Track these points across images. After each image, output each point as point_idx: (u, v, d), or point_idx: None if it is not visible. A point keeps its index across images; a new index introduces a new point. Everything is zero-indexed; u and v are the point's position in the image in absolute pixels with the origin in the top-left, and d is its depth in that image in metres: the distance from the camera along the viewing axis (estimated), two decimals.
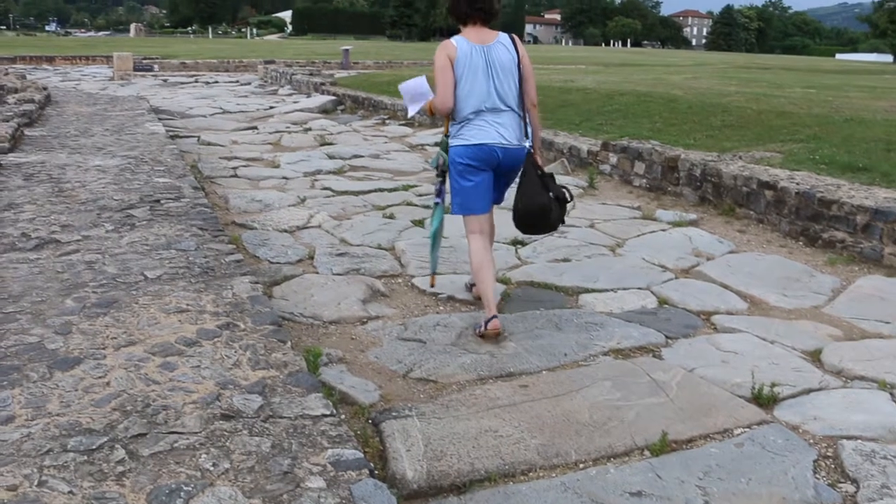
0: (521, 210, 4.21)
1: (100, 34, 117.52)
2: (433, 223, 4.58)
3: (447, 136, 4.28)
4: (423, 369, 3.61)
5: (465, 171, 4.19)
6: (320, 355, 3.56)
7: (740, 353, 3.87)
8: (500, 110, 4.15)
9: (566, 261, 5.44)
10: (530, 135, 4.27)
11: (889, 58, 67.15)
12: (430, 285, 4.76)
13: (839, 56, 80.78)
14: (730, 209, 6.78)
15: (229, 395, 2.76)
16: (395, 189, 7.82)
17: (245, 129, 12.89)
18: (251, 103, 17.35)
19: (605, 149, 8.66)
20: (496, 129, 4.13)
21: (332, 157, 9.78)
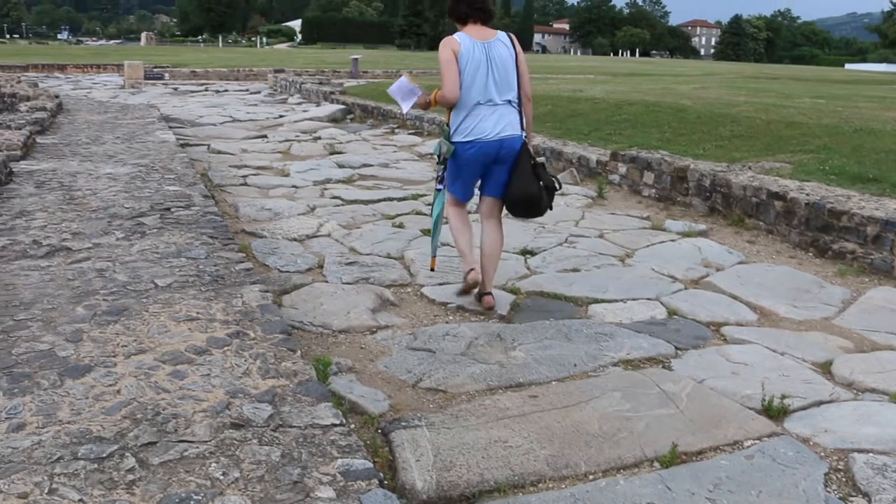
0: (514, 197, 4.62)
1: (111, 43, 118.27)
2: (435, 208, 4.86)
3: (448, 126, 4.61)
4: (433, 379, 3.61)
5: (462, 167, 4.66)
6: (330, 364, 3.56)
7: (750, 365, 3.86)
8: (497, 104, 4.50)
9: (576, 271, 5.44)
10: (524, 126, 4.63)
11: None
12: (431, 269, 5.03)
13: (848, 66, 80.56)
14: (739, 220, 6.76)
15: (239, 403, 2.76)
16: (404, 198, 7.83)
17: (255, 137, 12.93)
18: (261, 112, 17.41)
19: (614, 159, 8.66)
20: (492, 122, 4.48)
21: (341, 166, 9.81)
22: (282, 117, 16.20)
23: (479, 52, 4.45)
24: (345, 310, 4.49)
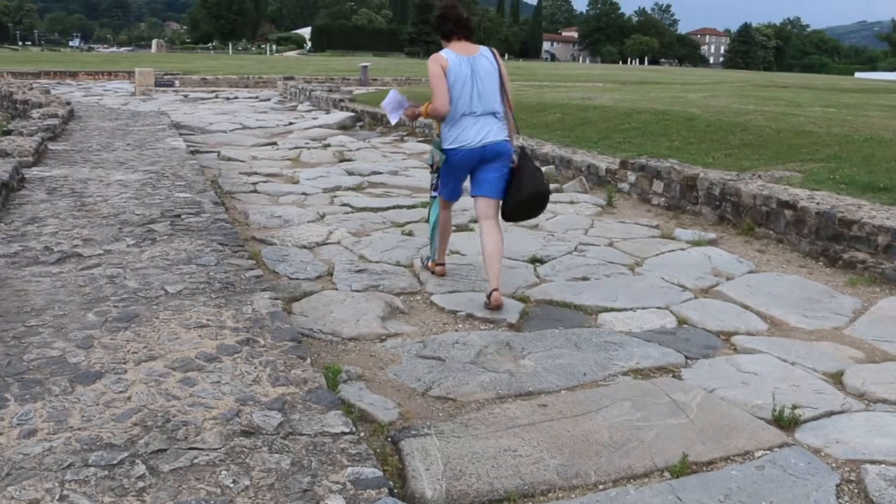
0: (526, 195, 4.93)
1: (122, 50, 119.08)
2: (431, 215, 5.31)
3: (439, 137, 4.98)
4: (443, 387, 3.60)
5: (451, 171, 5.03)
6: (340, 372, 3.56)
7: (761, 375, 3.84)
8: (482, 114, 4.86)
9: (585, 279, 5.43)
10: (509, 136, 5.00)
11: None
12: (431, 272, 5.40)
13: (858, 74, 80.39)
14: (749, 228, 6.75)
15: (249, 411, 2.77)
16: (413, 206, 7.83)
17: (265, 144, 12.96)
18: (271, 119, 17.46)
19: (623, 167, 8.65)
20: (476, 130, 4.85)
21: (350, 174, 9.82)
22: (291, 124, 16.25)
23: (465, 67, 4.81)
24: (354, 317, 4.49)
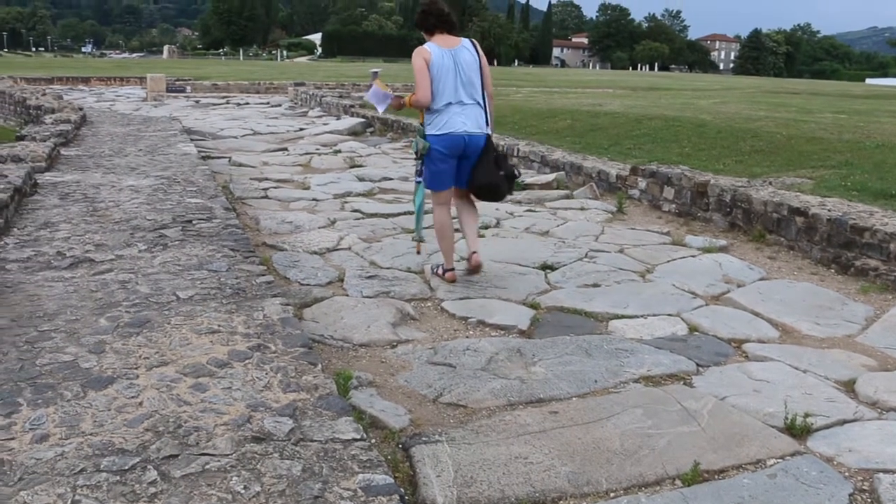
0: (478, 184, 5.37)
1: (134, 56, 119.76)
2: (417, 200, 5.62)
3: (423, 125, 5.31)
4: (453, 394, 3.60)
5: (438, 157, 5.28)
6: (350, 378, 3.56)
7: (772, 382, 3.82)
8: (465, 103, 5.23)
9: (596, 286, 5.42)
10: (489, 121, 5.38)
11: None
12: (417, 252, 5.87)
13: (869, 81, 79.94)
14: (760, 235, 6.72)
15: (260, 417, 2.77)
16: (424, 212, 7.81)
17: (275, 150, 13.00)
18: (281, 125, 17.50)
19: (633, 173, 8.64)
20: (462, 119, 5.21)
21: (361, 180, 9.84)
22: (302, 130, 16.29)
23: (448, 59, 5.17)
24: (365, 323, 4.49)
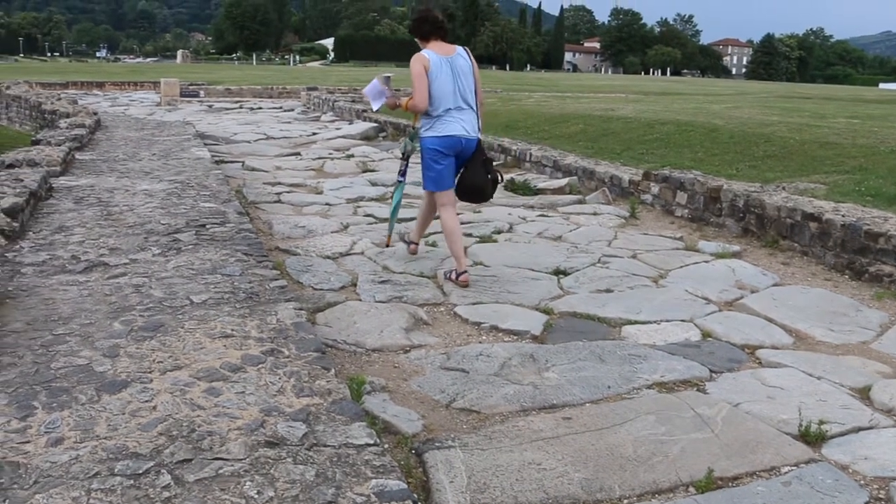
0: (466, 185, 5.60)
1: (148, 60, 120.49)
2: (395, 197, 6.00)
3: (415, 129, 5.57)
4: (466, 399, 3.60)
5: (438, 157, 5.50)
6: (364, 383, 3.56)
7: (786, 389, 3.81)
8: (463, 108, 5.47)
9: (609, 291, 5.41)
10: (480, 127, 5.63)
11: None
12: (386, 245, 6.30)
13: (882, 86, 79.66)
14: (773, 241, 6.70)
15: (273, 422, 2.77)
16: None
17: (288, 154, 13.03)
18: (294, 129, 17.55)
19: (646, 178, 8.62)
20: (460, 123, 5.46)
21: (374, 184, 9.84)
22: (315, 135, 16.32)
23: (446, 66, 5.41)
24: (378, 328, 4.50)
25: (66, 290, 4.24)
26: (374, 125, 16.82)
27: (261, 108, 25.16)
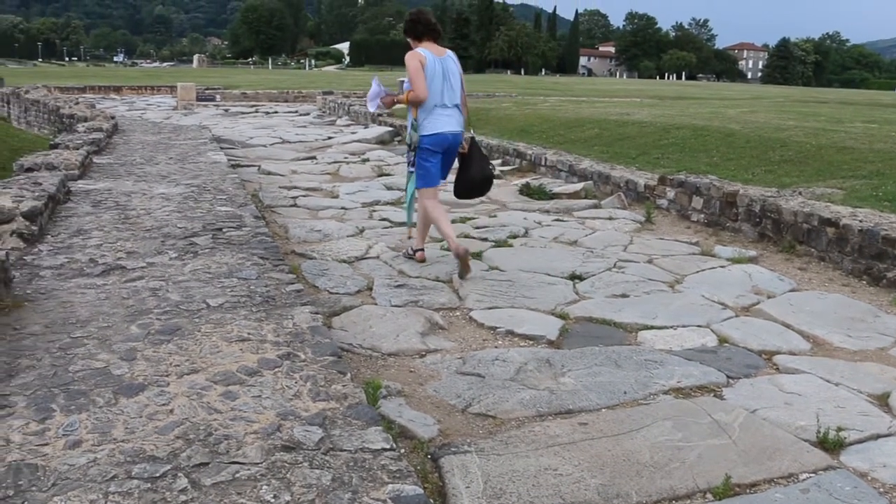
0: (475, 178, 6.07)
1: (164, 65, 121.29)
2: (409, 188, 6.14)
3: (416, 120, 5.79)
4: (482, 404, 3.59)
5: (427, 155, 5.85)
6: (380, 388, 3.56)
7: (804, 395, 3.78)
8: (448, 106, 5.80)
9: (624, 296, 5.39)
10: (466, 122, 5.99)
11: None
12: (408, 237, 6.45)
13: None
14: (790, 246, 6.66)
15: (290, 426, 2.77)
16: (452, 221, 7.81)
17: (304, 158, 13.07)
18: (310, 133, 17.60)
19: (662, 183, 8.60)
20: (447, 120, 5.81)
21: (389, 188, 9.86)
22: (330, 139, 16.37)
23: (438, 66, 5.74)
24: (394, 333, 4.50)
25: (84, 294, 4.26)
26: (390, 129, 16.84)
27: (276, 112, 25.27)
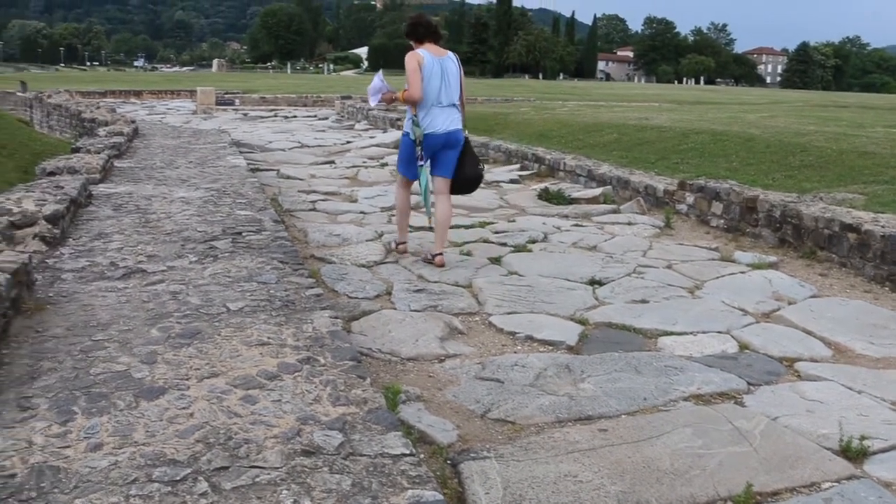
0: (468, 176, 6.25)
1: (184, 69, 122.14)
2: (422, 181, 6.28)
3: (416, 116, 6.01)
4: (502, 410, 3.58)
5: (413, 150, 6.10)
6: (399, 393, 3.56)
7: (826, 403, 3.75)
8: (445, 105, 6.03)
9: (644, 302, 5.37)
10: (463, 123, 6.20)
11: None
12: (429, 223, 6.67)
13: None
14: (811, 252, 6.61)
15: (310, 430, 2.77)
16: (471, 226, 7.83)
17: (323, 163, 13.11)
18: (329, 138, 17.65)
19: (681, 188, 8.56)
20: (443, 119, 6.02)
21: None
22: (349, 143, 16.41)
23: (437, 66, 5.96)
24: (413, 337, 4.50)
25: (105, 297, 4.28)
26: None
27: (295, 116, 25.37)
